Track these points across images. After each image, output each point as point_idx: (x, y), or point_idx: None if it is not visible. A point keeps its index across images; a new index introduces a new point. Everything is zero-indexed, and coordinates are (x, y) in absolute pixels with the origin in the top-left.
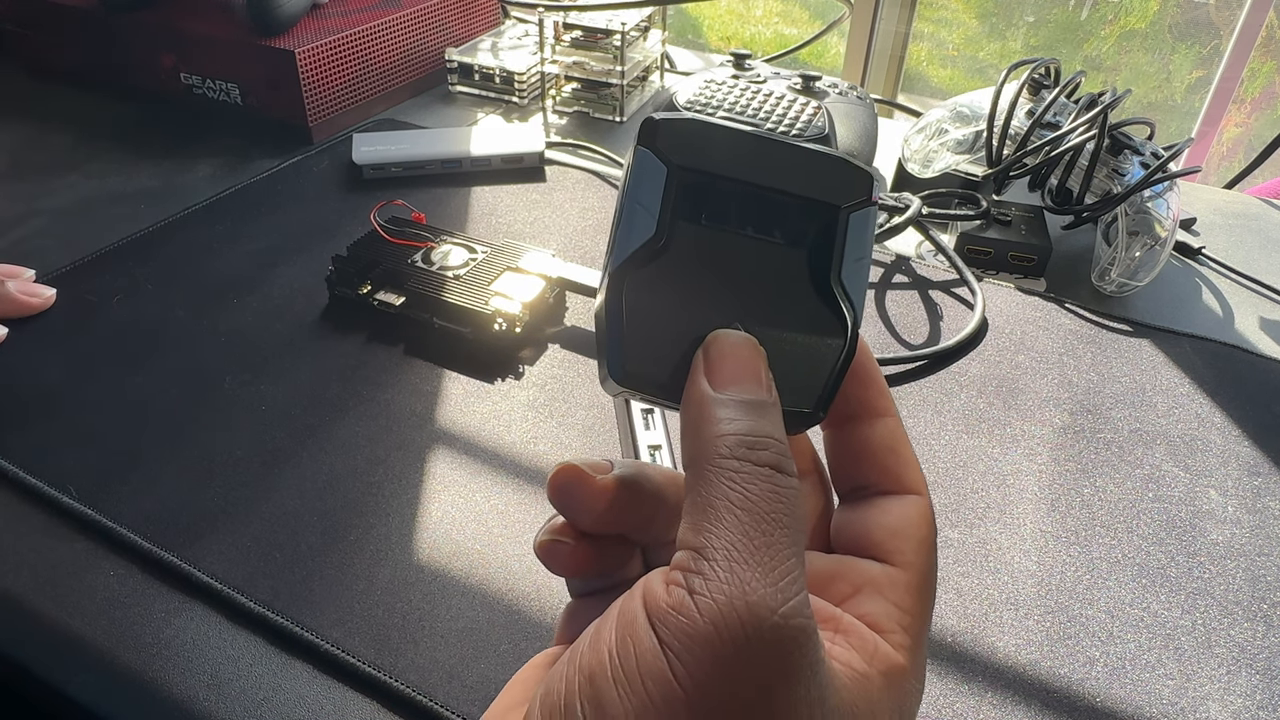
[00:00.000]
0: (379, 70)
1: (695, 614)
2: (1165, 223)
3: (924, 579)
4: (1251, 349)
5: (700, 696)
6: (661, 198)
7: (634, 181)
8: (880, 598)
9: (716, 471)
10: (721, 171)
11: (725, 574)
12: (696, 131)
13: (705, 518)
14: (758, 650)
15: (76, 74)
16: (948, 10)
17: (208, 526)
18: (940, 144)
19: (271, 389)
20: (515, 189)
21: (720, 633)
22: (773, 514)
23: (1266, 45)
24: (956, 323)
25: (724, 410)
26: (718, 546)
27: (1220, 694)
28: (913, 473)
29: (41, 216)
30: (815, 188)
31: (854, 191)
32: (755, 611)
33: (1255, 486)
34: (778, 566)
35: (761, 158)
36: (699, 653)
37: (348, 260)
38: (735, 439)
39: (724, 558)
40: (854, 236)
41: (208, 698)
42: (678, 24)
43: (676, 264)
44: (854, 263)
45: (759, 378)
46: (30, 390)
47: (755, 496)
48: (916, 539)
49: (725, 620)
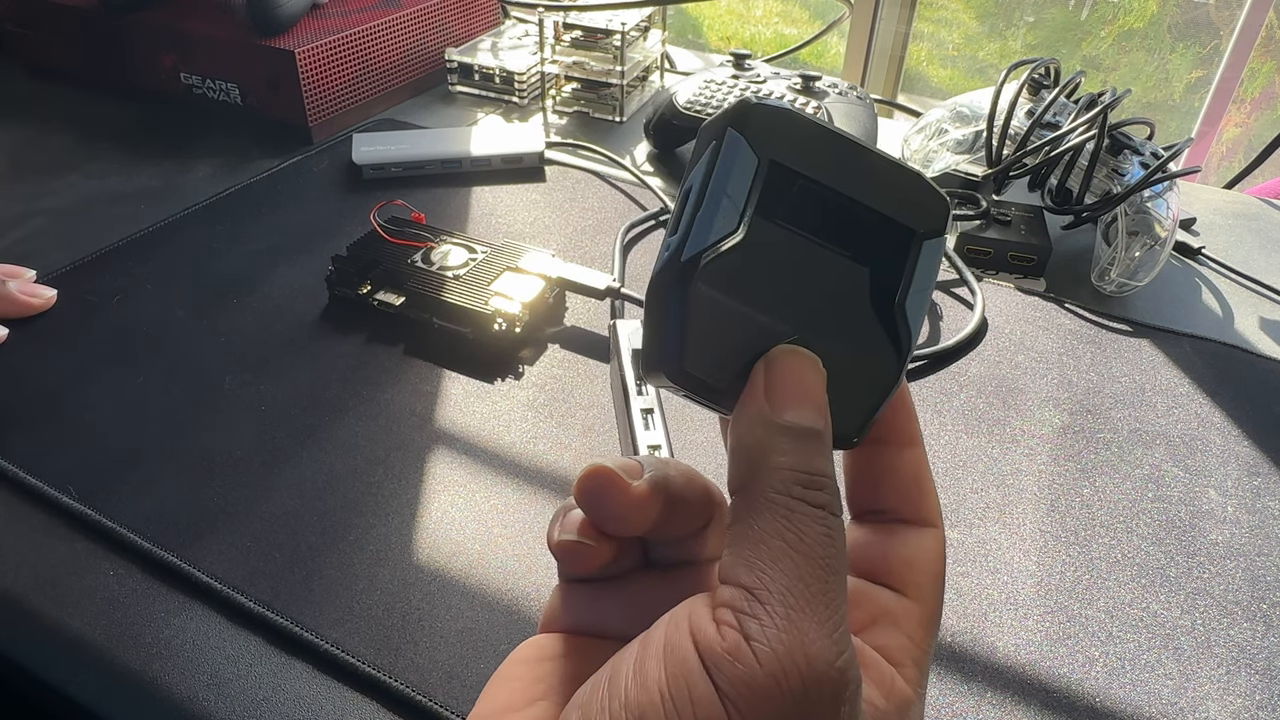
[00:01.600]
0: (379, 70)
1: (754, 663)
2: (1165, 223)
3: (934, 613)
4: (1251, 349)
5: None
6: (749, 191)
7: (722, 168)
8: (895, 630)
9: (771, 507)
10: (810, 173)
11: (783, 621)
12: (790, 124)
13: (758, 555)
14: (814, 702)
15: (76, 74)
16: (948, 10)
17: (208, 526)
18: (940, 144)
19: (271, 389)
20: (515, 189)
21: (780, 685)
22: (826, 559)
23: (1266, 45)
24: (956, 323)
25: (782, 440)
26: (773, 590)
27: (1220, 694)
28: (932, 505)
29: (41, 216)
30: (897, 206)
31: (932, 218)
32: (814, 665)
33: (1255, 486)
34: (832, 616)
35: (850, 163)
36: (758, 704)
37: (348, 260)
38: (791, 475)
39: (780, 603)
40: (924, 265)
41: (208, 698)
42: (678, 24)
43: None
44: (919, 292)
45: (819, 404)
46: (30, 390)
47: (810, 539)
48: (932, 573)
49: (785, 672)
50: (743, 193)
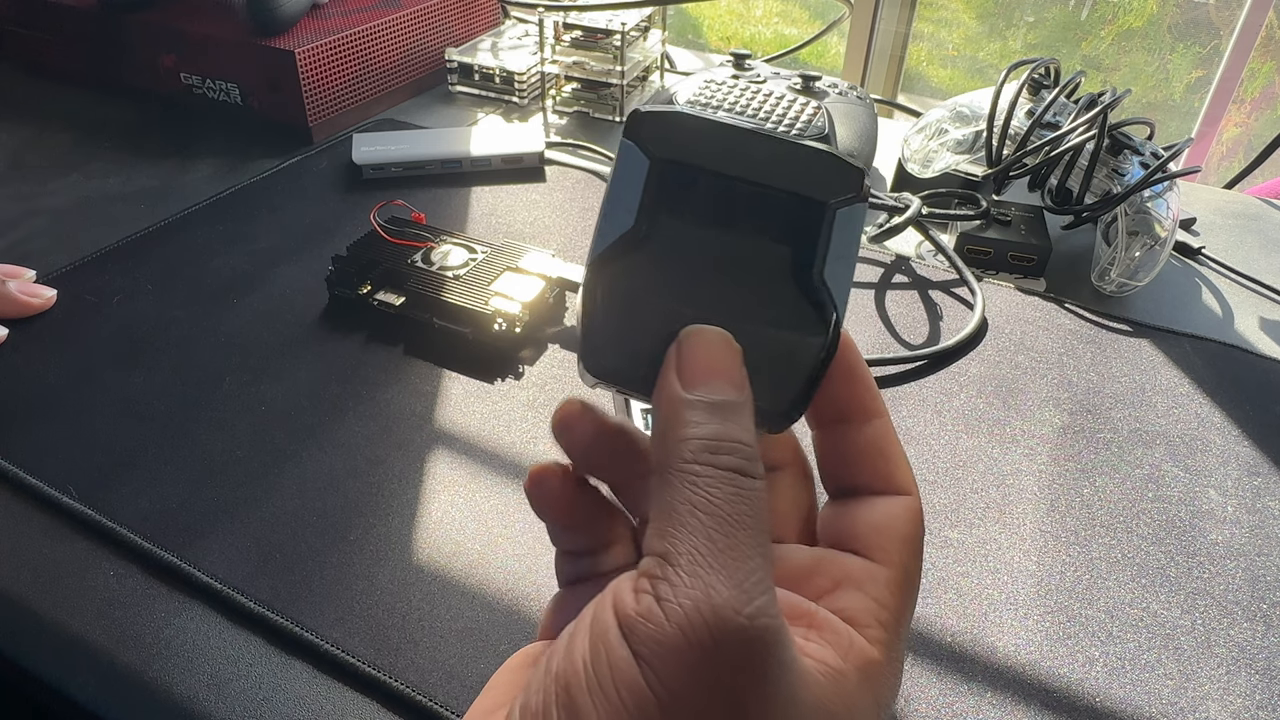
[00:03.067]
0: (379, 70)
1: (664, 621)
2: (1165, 223)
3: (905, 576)
4: (1251, 349)
5: (673, 702)
6: (642, 190)
7: (617, 174)
8: (859, 593)
9: (680, 476)
10: (705, 164)
11: (689, 579)
12: (682, 124)
13: (669, 523)
14: (726, 653)
15: (76, 74)
16: (948, 10)
17: (208, 526)
18: (940, 144)
19: (271, 389)
20: (515, 189)
21: (688, 638)
22: (736, 516)
23: (1266, 45)
24: (956, 323)
25: (692, 413)
26: (682, 552)
27: (1220, 694)
28: (902, 473)
29: (41, 216)
30: (802, 182)
31: (843, 187)
32: (721, 614)
33: (1255, 486)
34: (741, 568)
35: (748, 151)
36: (670, 660)
37: (348, 260)
38: (699, 443)
39: (688, 562)
40: (840, 233)
41: (208, 698)
42: (678, 24)
43: (655, 257)
44: (838, 260)
45: (731, 376)
46: (30, 390)
47: (718, 500)
48: (901, 536)
49: (692, 625)
50: (636, 192)
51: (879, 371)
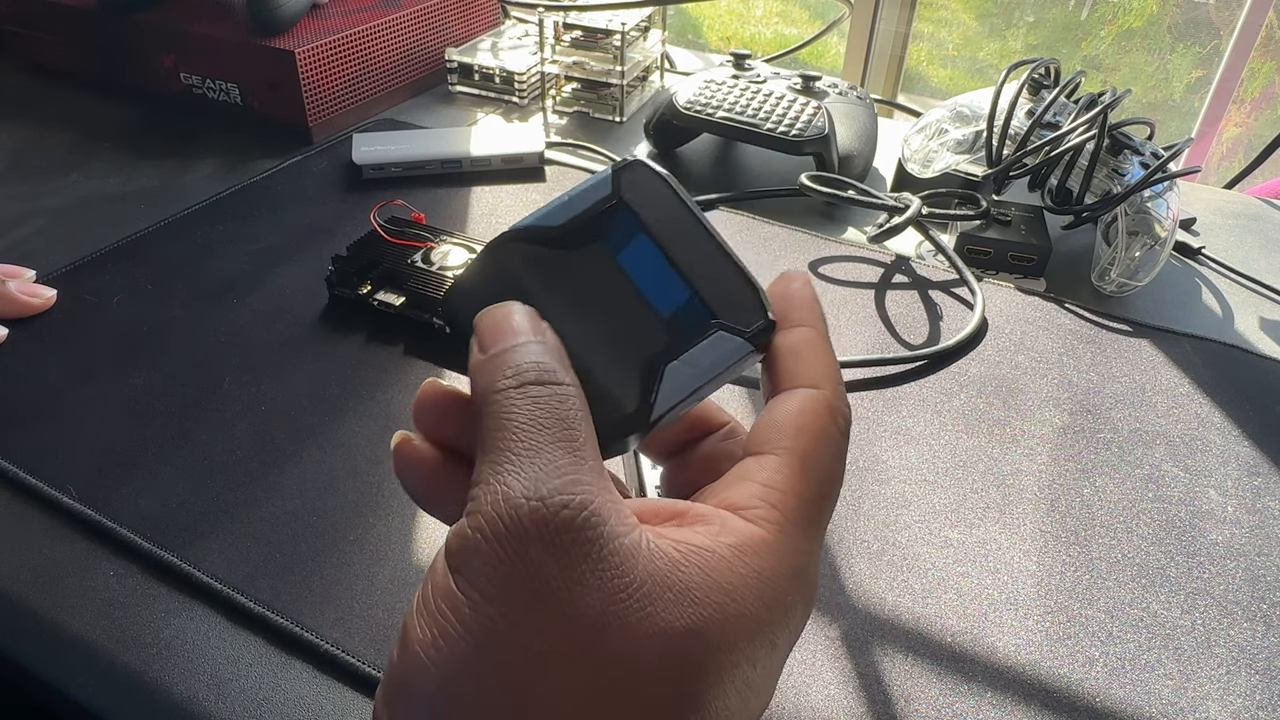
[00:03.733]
0: (379, 70)
1: (467, 530)
2: (1165, 223)
3: (802, 461)
4: (1251, 349)
5: (481, 598)
6: (588, 209)
7: (584, 185)
8: (747, 482)
9: (490, 405)
10: (649, 228)
11: (487, 487)
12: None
13: (479, 457)
14: (521, 538)
15: (76, 74)
16: (947, 10)
17: (208, 526)
18: (940, 144)
19: (271, 389)
20: (515, 189)
21: (485, 535)
22: (534, 420)
23: (1266, 45)
24: (956, 323)
25: (485, 368)
26: (483, 469)
27: (1220, 694)
28: (811, 370)
29: (41, 216)
30: (712, 292)
31: (739, 317)
32: (513, 504)
33: (1255, 486)
34: (535, 461)
35: (691, 243)
36: (476, 562)
37: (348, 260)
38: (490, 379)
39: (489, 475)
40: (708, 350)
41: (208, 698)
42: (678, 24)
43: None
44: (690, 367)
45: (519, 329)
46: (30, 390)
47: (516, 412)
48: (796, 425)
49: (489, 522)
50: (583, 207)
51: (879, 372)
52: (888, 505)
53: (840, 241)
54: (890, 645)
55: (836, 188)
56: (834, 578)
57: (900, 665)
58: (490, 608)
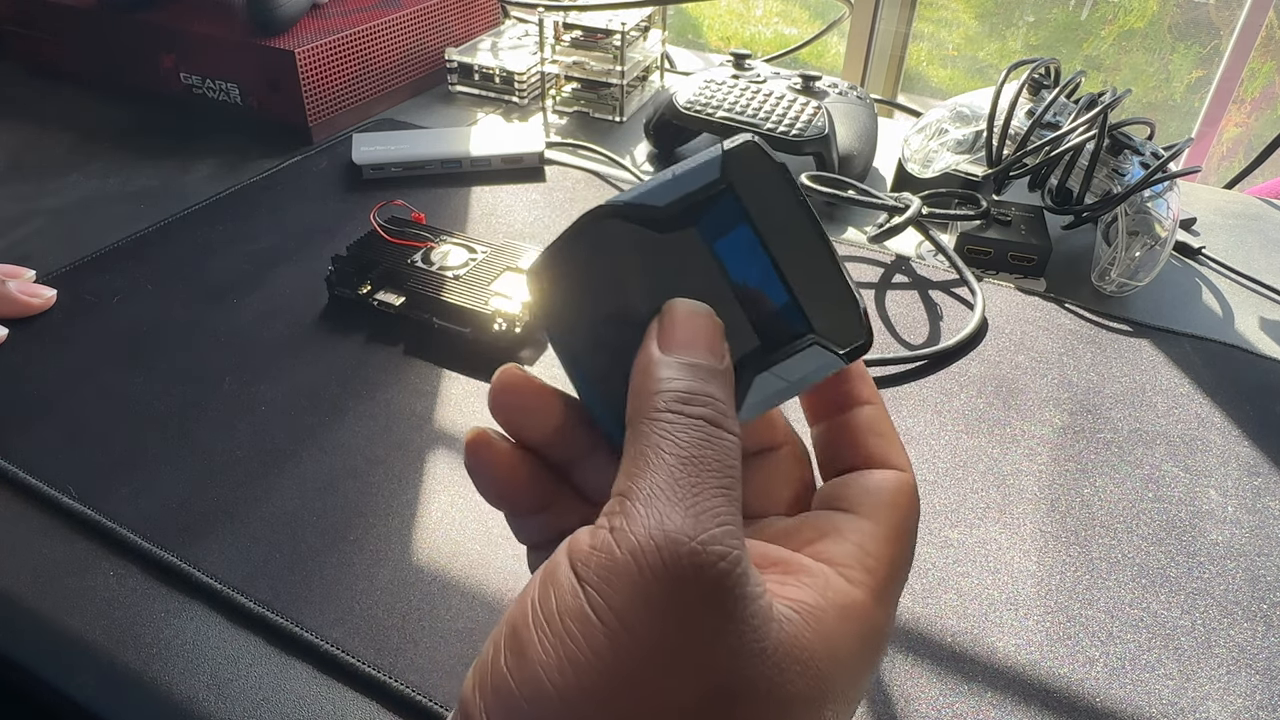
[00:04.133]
0: (379, 70)
1: (614, 549)
2: (1165, 223)
3: (893, 532)
4: (1251, 349)
5: (620, 627)
6: (694, 191)
7: (691, 164)
8: (840, 539)
9: (650, 424)
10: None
11: (645, 510)
12: (775, 178)
13: (635, 467)
14: (676, 579)
15: (76, 74)
16: (948, 10)
17: (208, 526)
18: (940, 144)
19: (271, 389)
20: (515, 189)
21: (638, 563)
22: (701, 459)
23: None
24: (956, 323)
25: (666, 370)
26: (641, 488)
27: (1220, 694)
28: (896, 453)
29: (41, 216)
30: (812, 302)
31: (839, 332)
32: (672, 540)
33: (1255, 486)
34: (700, 502)
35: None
36: (617, 585)
37: (348, 260)
38: (672, 395)
39: (646, 497)
40: (800, 361)
41: (208, 698)
42: (678, 24)
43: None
44: (779, 378)
45: (710, 344)
46: (30, 390)
47: (685, 443)
48: (890, 500)
49: (643, 551)
50: (688, 189)
51: (879, 371)
52: None
53: (840, 241)
54: (890, 645)
55: (836, 188)
56: None
57: (900, 665)
58: (630, 642)
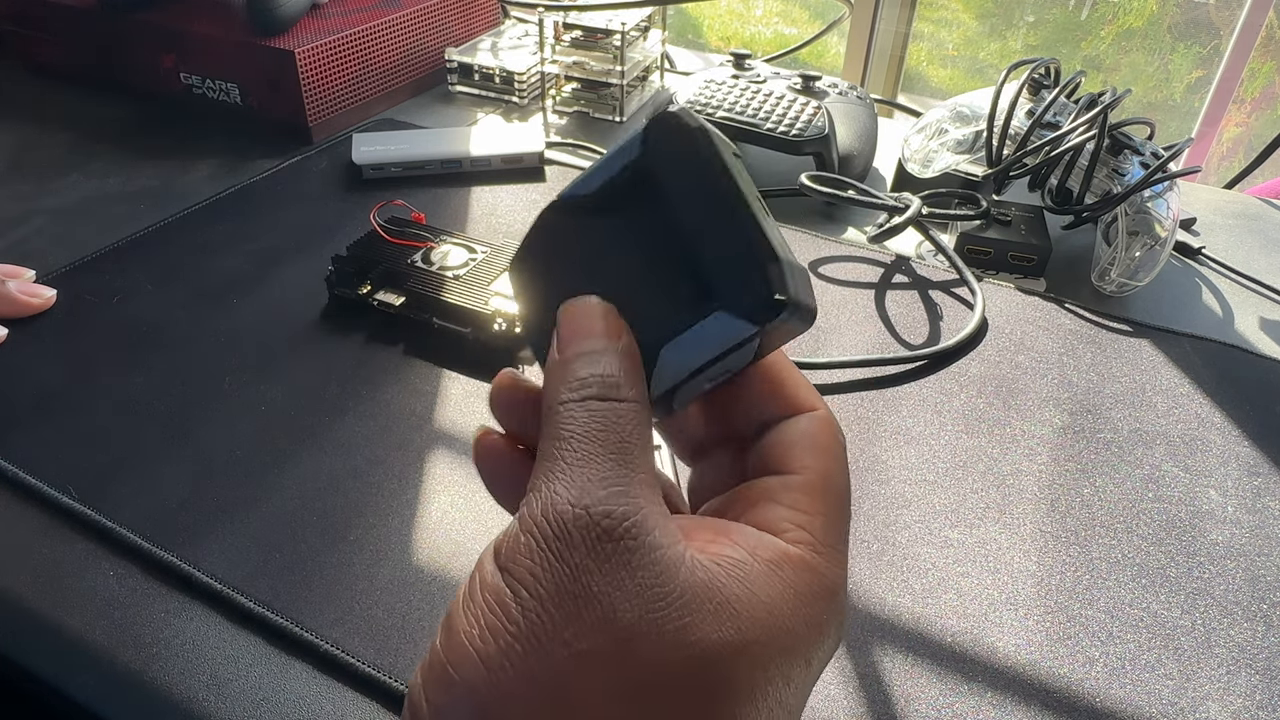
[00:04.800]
0: (379, 70)
1: (518, 532)
2: (1165, 223)
3: (823, 480)
4: (1251, 349)
5: (527, 593)
6: (618, 173)
7: (619, 144)
8: (774, 504)
9: (547, 423)
10: (673, 193)
11: (539, 494)
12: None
13: (539, 460)
14: (570, 546)
15: (76, 74)
16: (948, 10)
17: (208, 526)
18: (940, 144)
19: (271, 389)
20: (515, 189)
21: (535, 536)
22: (588, 434)
23: (1266, 45)
24: (956, 323)
25: (558, 371)
26: (538, 476)
27: (1220, 694)
28: (804, 393)
29: (41, 216)
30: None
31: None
32: (559, 511)
33: (1255, 486)
34: (584, 472)
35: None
36: (525, 563)
37: (348, 260)
38: (564, 388)
39: (541, 483)
40: (704, 332)
41: (208, 698)
42: (678, 24)
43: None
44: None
45: (601, 329)
46: (30, 390)
47: (573, 426)
48: (812, 446)
49: (539, 528)
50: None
51: (880, 371)
52: (888, 505)
53: (840, 241)
54: (890, 645)
55: (836, 188)
56: None
57: (900, 665)
58: (536, 606)
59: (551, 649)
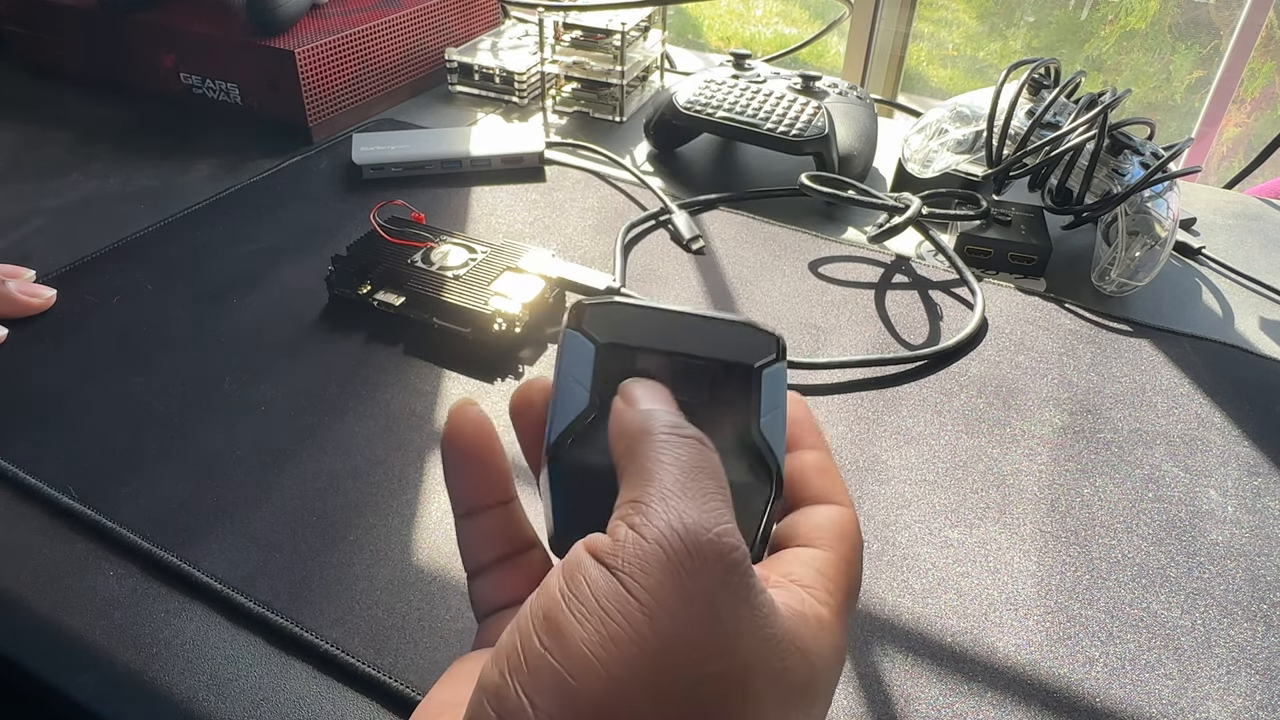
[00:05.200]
0: (379, 70)
1: (640, 540)
2: (1165, 223)
3: (845, 563)
4: (1251, 349)
5: (655, 604)
6: (593, 372)
7: (566, 360)
8: (806, 566)
9: (650, 442)
10: (644, 344)
11: (662, 507)
12: (618, 311)
13: (641, 477)
14: (700, 563)
15: (76, 74)
16: (948, 10)
17: (208, 526)
18: (940, 144)
19: (271, 389)
20: (515, 189)
21: (664, 549)
22: (700, 468)
23: (1266, 45)
24: (956, 323)
25: (649, 403)
26: (654, 491)
27: (1220, 694)
28: (840, 491)
29: (41, 216)
30: (730, 351)
31: (763, 351)
32: (692, 530)
33: (1255, 486)
34: (709, 500)
35: (679, 329)
36: (647, 568)
37: (348, 260)
38: (664, 423)
39: (659, 496)
40: (769, 390)
41: (208, 698)
42: (678, 24)
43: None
44: (771, 413)
45: (659, 397)
46: (30, 390)
47: (685, 456)
48: (837, 532)
49: (668, 539)
50: (587, 374)
51: (880, 371)
52: (888, 505)
53: (840, 241)
54: (890, 645)
55: (836, 188)
56: None
57: (900, 665)
58: (665, 617)
59: (678, 666)
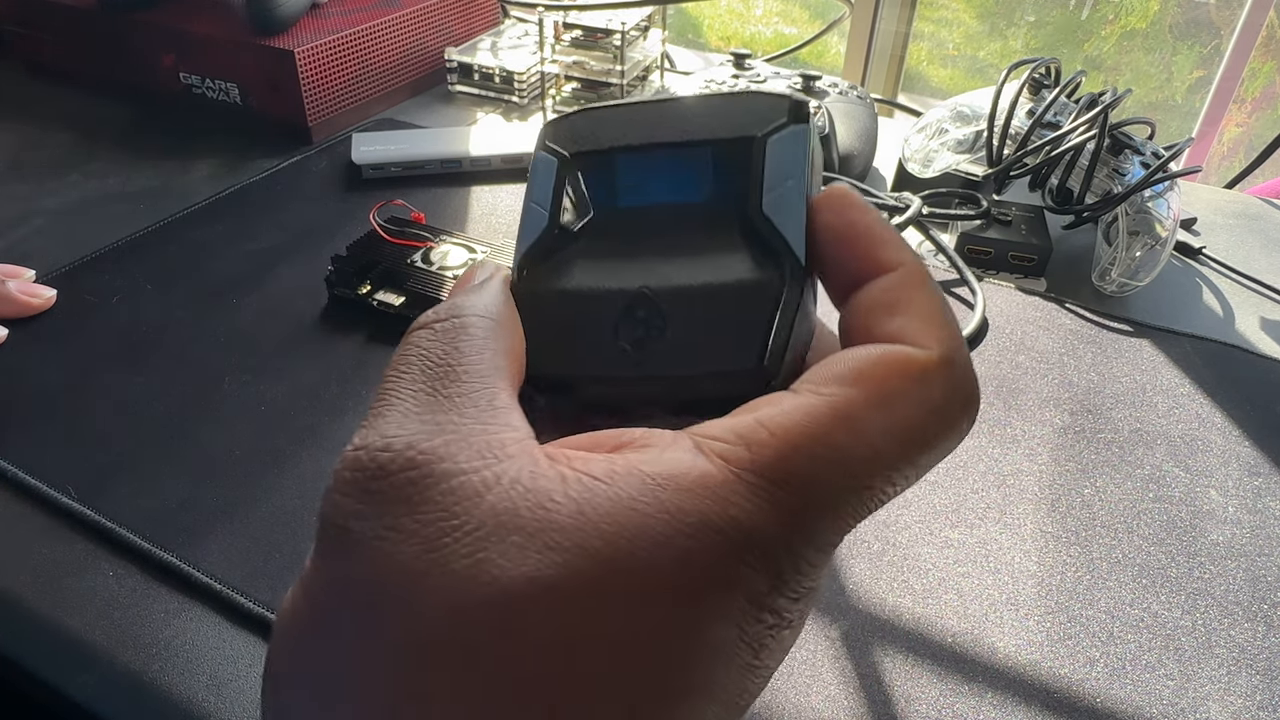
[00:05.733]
0: (379, 70)
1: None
2: (1166, 223)
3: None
4: (1251, 349)
5: (313, 557)
6: (552, 190)
7: (531, 183)
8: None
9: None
10: (618, 144)
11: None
12: (584, 119)
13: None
14: (341, 493)
15: (76, 74)
16: (948, 10)
17: (208, 526)
18: (940, 144)
19: (271, 389)
20: (515, 189)
21: (324, 496)
22: (398, 372)
23: (1266, 45)
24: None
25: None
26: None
27: (1220, 694)
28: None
29: (41, 216)
30: (729, 128)
31: (768, 119)
32: (340, 458)
33: (1255, 486)
34: (384, 413)
35: (666, 118)
36: (318, 523)
37: (347, 260)
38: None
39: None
40: (775, 162)
41: (208, 698)
42: (678, 24)
43: (582, 252)
44: (778, 188)
45: (468, 278)
46: (30, 390)
47: (392, 365)
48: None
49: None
50: (547, 194)
51: None
52: (888, 505)
53: None
54: (890, 645)
55: None
56: (834, 578)
57: (900, 665)
58: (310, 566)
59: (313, 612)
